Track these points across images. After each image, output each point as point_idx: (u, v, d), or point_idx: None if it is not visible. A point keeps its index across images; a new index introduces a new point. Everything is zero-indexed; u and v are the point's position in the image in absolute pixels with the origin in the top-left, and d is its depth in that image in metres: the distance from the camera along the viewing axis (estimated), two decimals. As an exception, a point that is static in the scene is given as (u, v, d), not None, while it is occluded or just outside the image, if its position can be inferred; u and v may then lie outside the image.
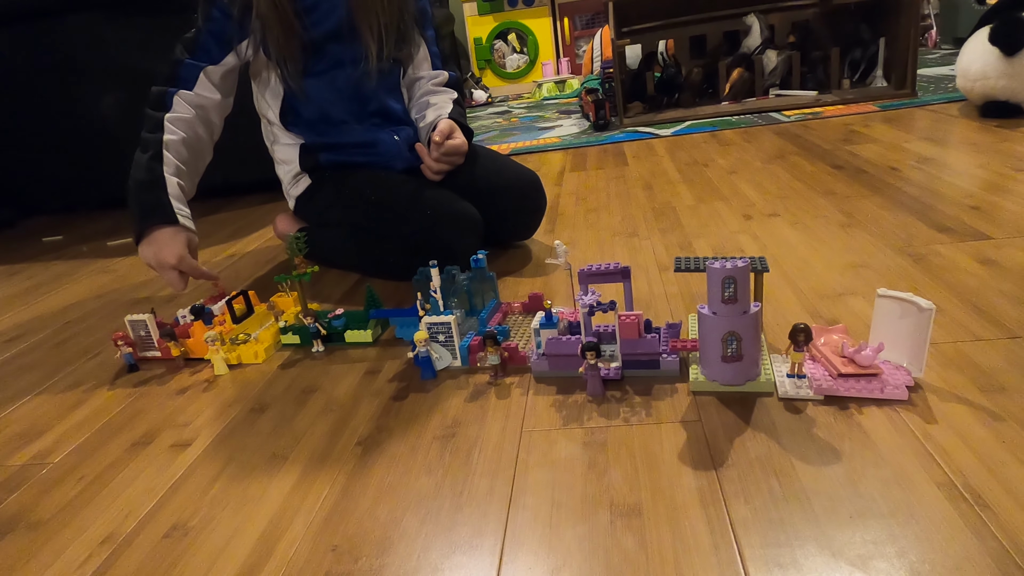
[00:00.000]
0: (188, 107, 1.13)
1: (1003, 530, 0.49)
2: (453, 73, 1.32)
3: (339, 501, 0.63)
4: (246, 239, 1.66)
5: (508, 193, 1.23)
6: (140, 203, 1.06)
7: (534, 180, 1.26)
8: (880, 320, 0.71)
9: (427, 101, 1.27)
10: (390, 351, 0.94)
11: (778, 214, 1.27)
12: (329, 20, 1.19)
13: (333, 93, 1.23)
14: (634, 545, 0.53)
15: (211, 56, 1.15)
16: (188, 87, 1.14)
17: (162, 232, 1.04)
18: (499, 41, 4.05)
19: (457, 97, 1.29)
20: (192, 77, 1.14)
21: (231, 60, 1.17)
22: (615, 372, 0.76)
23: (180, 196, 1.08)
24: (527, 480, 0.63)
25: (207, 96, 1.15)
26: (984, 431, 0.60)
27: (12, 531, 0.66)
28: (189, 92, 1.14)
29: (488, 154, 1.30)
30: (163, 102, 1.12)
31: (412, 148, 1.26)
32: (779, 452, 0.61)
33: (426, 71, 1.31)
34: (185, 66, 1.14)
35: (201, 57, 1.15)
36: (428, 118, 1.24)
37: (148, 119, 1.11)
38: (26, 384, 1.00)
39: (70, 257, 1.76)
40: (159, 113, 1.11)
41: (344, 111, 1.24)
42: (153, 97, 1.13)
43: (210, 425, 0.80)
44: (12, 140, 2.19)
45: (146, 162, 1.07)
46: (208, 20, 1.14)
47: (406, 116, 1.30)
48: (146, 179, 1.06)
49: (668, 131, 2.22)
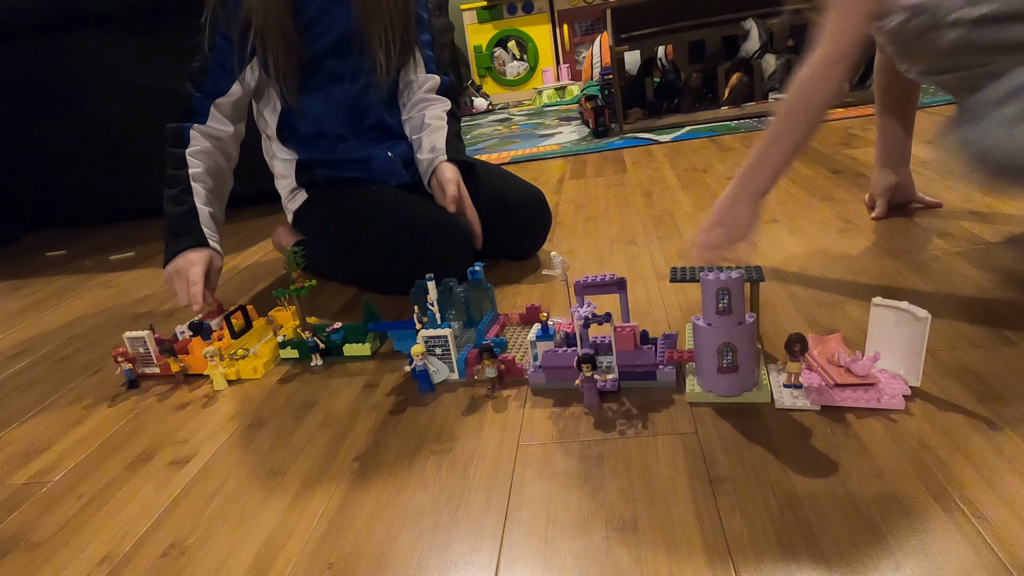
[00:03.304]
0: (204, 140, 1.16)
1: (999, 542, 0.49)
2: (446, 78, 1.31)
3: (336, 517, 0.63)
4: (246, 252, 1.67)
5: (514, 210, 1.23)
6: (174, 232, 1.11)
7: (539, 197, 1.27)
8: (876, 329, 0.71)
9: (422, 118, 1.26)
10: (388, 364, 0.94)
11: (776, 220, 1.27)
12: (328, 35, 1.19)
13: (330, 108, 1.23)
14: (629, 561, 0.53)
15: (219, 87, 1.17)
16: (201, 121, 1.17)
17: (191, 252, 1.08)
18: (499, 49, 4.06)
19: (451, 108, 1.28)
20: (204, 110, 1.17)
21: (238, 89, 1.18)
22: (612, 384, 0.76)
23: (211, 224, 1.13)
24: (523, 494, 0.63)
25: (220, 128, 1.18)
26: (981, 441, 0.60)
27: (12, 551, 0.66)
28: (203, 126, 1.17)
29: (494, 171, 1.31)
30: (181, 138, 1.15)
31: (407, 164, 1.26)
32: (775, 464, 0.61)
33: (417, 75, 1.29)
34: (196, 99, 1.16)
35: (210, 90, 1.17)
36: (424, 146, 1.22)
37: (170, 156, 1.15)
38: (28, 401, 1.01)
39: (73, 272, 1.77)
40: (179, 149, 1.14)
41: (341, 126, 1.25)
42: (171, 134, 1.16)
43: (209, 441, 0.81)
44: (16, 154, 2.21)
45: (177, 195, 1.12)
46: (212, 49, 1.15)
47: (402, 130, 1.30)
48: (179, 211, 1.11)
49: (668, 137, 2.22)
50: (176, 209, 1.11)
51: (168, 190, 1.13)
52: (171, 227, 1.11)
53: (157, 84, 2.00)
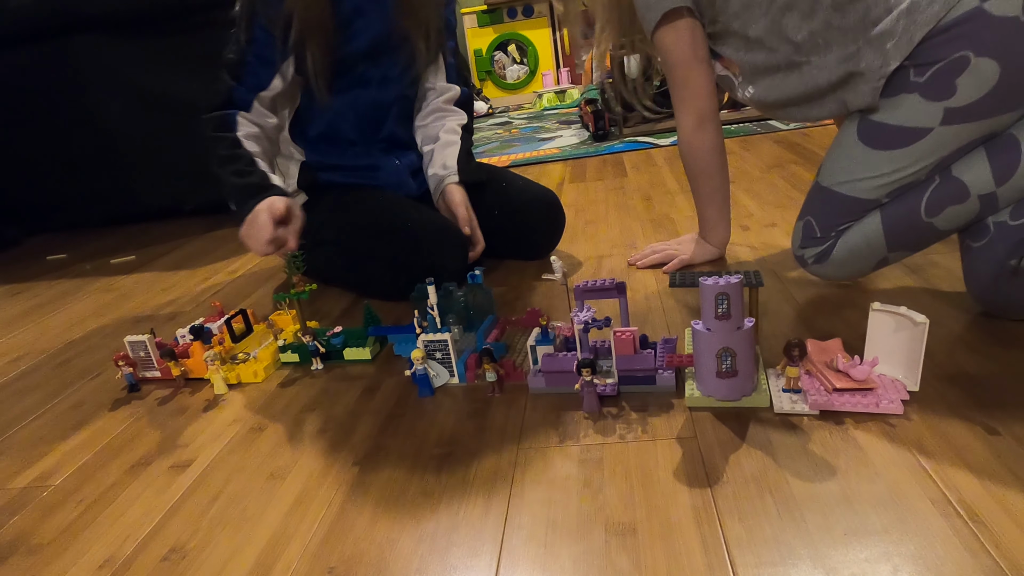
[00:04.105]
0: (251, 125, 1.15)
1: (997, 547, 0.49)
2: (465, 89, 1.31)
3: (336, 522, 0.64)
4: (247, 256, 1.67)
5: (529, 212, 1.25)
6: (246, 194, 1.07)
7: (553, 199, 1.29)
8: (875, 334, 0.71)
9: (437, 130, 1.25)
10: (388, 368, 0.94)
11: (776, 224, 1.27)
12: (361, 38, 1.18)
13: (351, 112, 1.23)
14: (628, 565, 0.53)
15: (260, 81, 1.15)
16: (246, 109, 1.15)
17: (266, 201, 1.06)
18: (499, 52, 4.07)
19: (467, 123, 1.29)
20: (247, 102, 1.15)
21: (278, 84, 1.16)
22: (611, 388, 0.77)
23: (283, 185, 1.11)
24: (523, 499, 0.63)
25: (263, 121, 1.17)
26: (980, 445, 0.60)
27: (12, 555, 0.66)
28: (248, 113, 1.15)
29: (507, 174, 1.33)
30: (227, 123, 1.13)
31: (414, 174, 1.27)
32: (774, 468, 0.61)
33: (437, 83, 1.29)
34: (237, 91, 1.14)
35: (251, 83, 1.14)
36: (436, 161, 1.23)
37: (220, 140, 1.12)
38: (28, 405, 1.01)
39: (73, 276, 1.77)
40: (229, 133, 1.12)
41: (356, 131, 1.25)
42: (214, 122, 1.13)
43: (209, 445, 0.81)
44: (17, 158, 2.21)
45: (242, 168, 1.10)
46: (251, 43, 1.13)
47: (412, 142, 1.30)
48: (246, 181, 1.09)
49: (667, 141, 2.22)
50: (241, 181, 1.09)
51: (227, 167, 1.10)
52: (241, 193, 1.08)
53: (158, 88, 2.01)
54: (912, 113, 0.78)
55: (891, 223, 0.83)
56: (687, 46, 0.97)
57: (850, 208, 0.85)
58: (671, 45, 0.98)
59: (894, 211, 0.83)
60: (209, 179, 1.21)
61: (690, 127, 1.04)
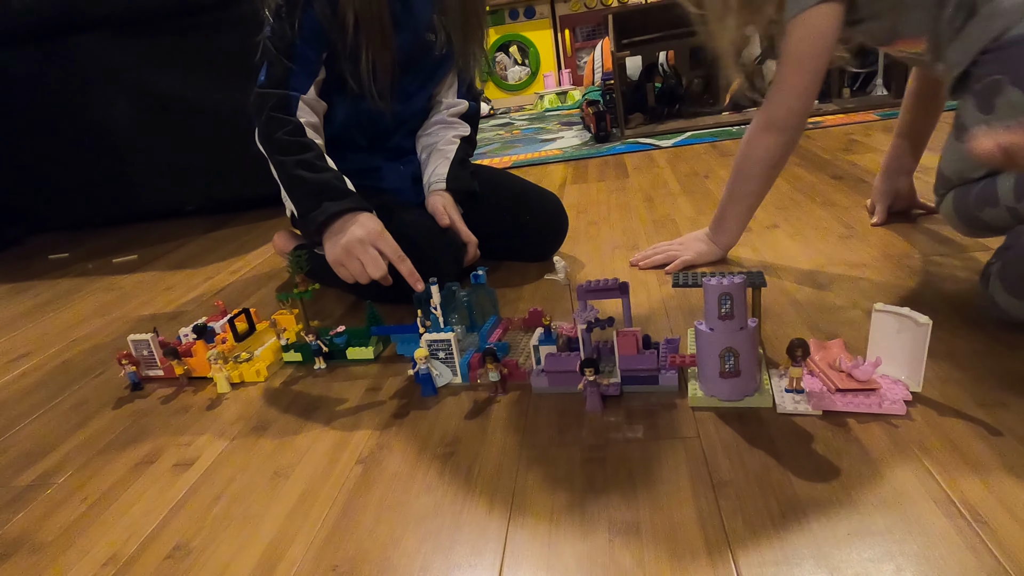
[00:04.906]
0: (311, 113, 1.08)
1: (1000, 547, 0.49)
2: (473, 104, 1.30)
3: (339, 520, 0.64)
4: (250, 255, 1.67)
5: (534, 214, 1.26)
6: (322, 194, 1.01)
7: (557, 202, 1.29)
8: (878, 335, 0.71)
9: (436, 139, 1.25)
10: (391, 368, 0.94)
11: (778, 225, 1.27)
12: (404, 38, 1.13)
13: (368, 121, 1.21)
14: (632, 564, 0.53)
15: (311, 67, 1.08)
16: (304, 92, 1.07)
17: (361, 216, 1.01)
18: (500, 53, 4.07)
19: (468, 135, 1.28)
20: (306, 86, 1.08)
21: (321, 74, 1.11)
22: (614, 388, 0.77)
23: (360, 199, 1.05)
24: (526, 498, 0.63)
25: (319, 108, 1.11)
26: (982, 446, 0.60)
27: (15, 553, 0.67)
28: (307, 97, 1.08)
29: (511, 177, 1.33)
30: (288, 104, 1.05)
31: (416, 180, 1.27)
32: (777, 468, 0.61)
33: (447, 96, 1.29)
34: (295, 73, 1.06)
35: (304, 67, 1.07)
36: (428, 169, 1.23)
37: (281, 123, 1.04)
38: (31, 404, 1.01)
39: (76, 275, 1.77)
40: (292, 118, 1.05)
41: (366, 139, 1.24)
42: (275, 99, 1.05)
43: (213, 444, 0.81)
44: (20, 158, 2.22)
45: (311, 160, 1.03)
46: (301, 28, 1.04)
47: (415, 152, 1.31)
48: (322, 177, 1.02)
49: (669, 142, 2.22)
50: (313, 176, 1.02)
51: (289, 155, 1.03)
52: (317, 190, 1.01)
53: (161, 88, 2.01)
54: (969, 117, 0.80)
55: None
56: (831, 37, 0.89)
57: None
58: (815, 34, 0.89)
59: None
60: (210, 178, 1.21)
61: (760, 125, 0.97)
